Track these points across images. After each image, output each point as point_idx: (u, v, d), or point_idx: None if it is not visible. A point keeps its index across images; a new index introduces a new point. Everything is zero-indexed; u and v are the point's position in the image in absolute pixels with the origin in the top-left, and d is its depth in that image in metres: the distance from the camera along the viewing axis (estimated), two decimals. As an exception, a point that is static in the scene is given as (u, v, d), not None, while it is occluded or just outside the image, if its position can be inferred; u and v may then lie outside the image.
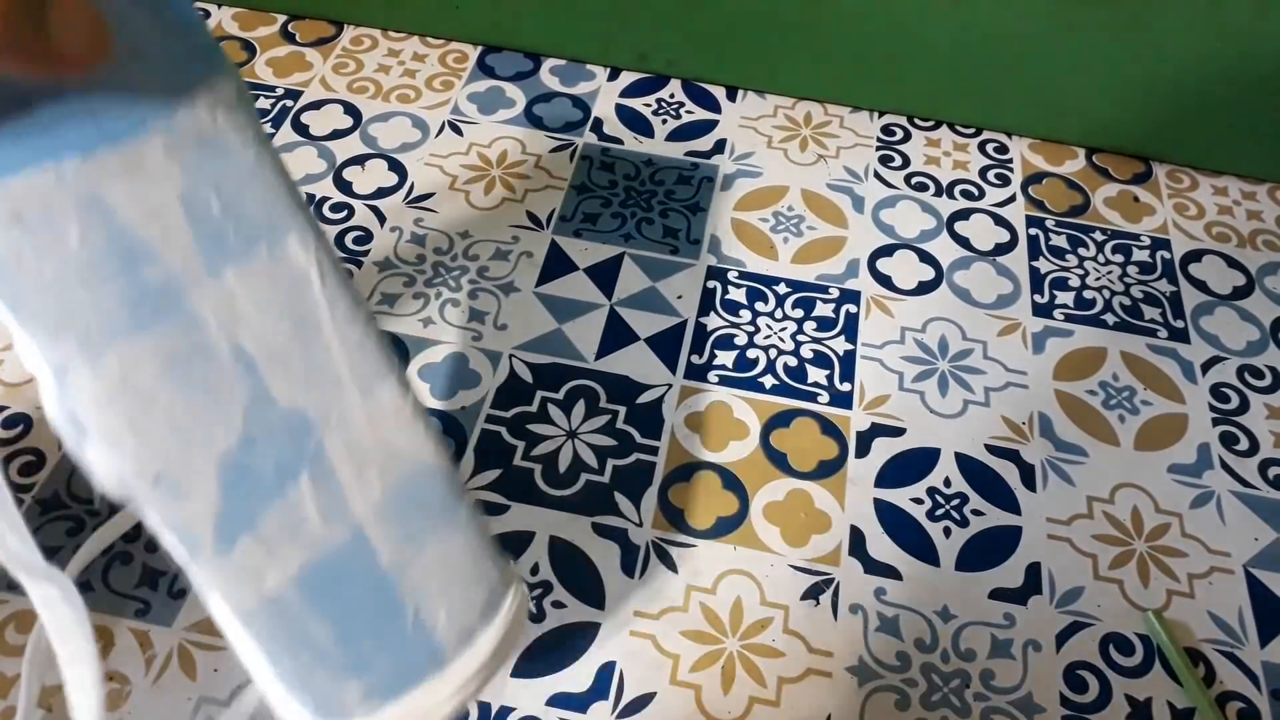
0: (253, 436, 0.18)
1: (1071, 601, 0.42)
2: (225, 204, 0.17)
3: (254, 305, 0.17)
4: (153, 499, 0.17)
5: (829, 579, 0.42)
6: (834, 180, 0.59)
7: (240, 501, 0.18)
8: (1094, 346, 0.52)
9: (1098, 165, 0.62)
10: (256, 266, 0.17)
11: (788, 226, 0.56)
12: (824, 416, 0.48)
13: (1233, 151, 0.60)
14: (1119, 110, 0.60)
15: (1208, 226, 0.59)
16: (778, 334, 0.51)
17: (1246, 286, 0.55)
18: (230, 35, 0.66)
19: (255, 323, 0.18)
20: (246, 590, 0.18)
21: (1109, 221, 0.58)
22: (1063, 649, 0.40)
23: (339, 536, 0.19)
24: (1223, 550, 0.44)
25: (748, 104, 0.64)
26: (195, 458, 0.17)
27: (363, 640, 0.20)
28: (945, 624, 0.41)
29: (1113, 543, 0.44)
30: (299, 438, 0.18)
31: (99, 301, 0.16)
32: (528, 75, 0.65)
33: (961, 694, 0.39)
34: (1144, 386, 0.50)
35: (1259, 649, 0.41)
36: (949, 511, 0.45)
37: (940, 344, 0.51)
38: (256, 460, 0.18)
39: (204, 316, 0.17)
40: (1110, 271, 0.55)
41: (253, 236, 0.17)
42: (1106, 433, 0.48)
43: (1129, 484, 0.46)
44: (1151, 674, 0.40)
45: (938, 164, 0.61)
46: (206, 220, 0.17)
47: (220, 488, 0.18)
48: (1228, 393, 0.50)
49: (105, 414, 0.17)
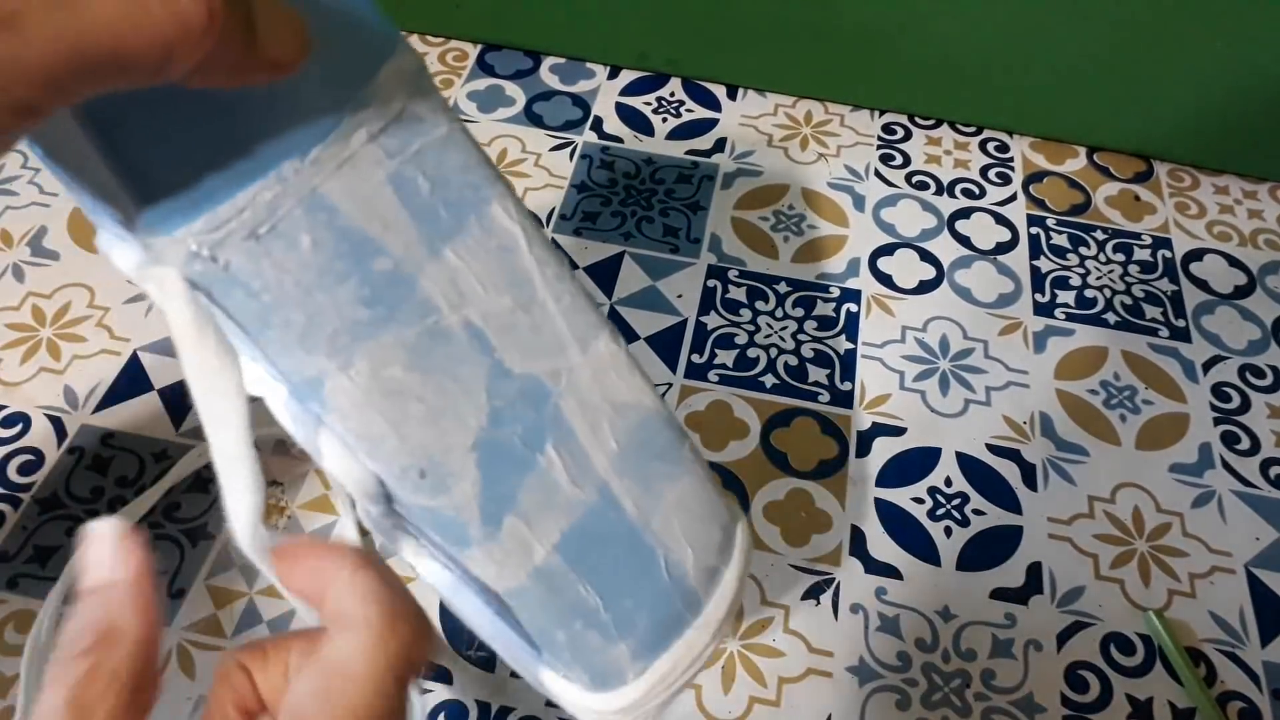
0: (498, 411, 0.18)
1: (1072, 601, 0.42)
2: (432, 181, 0.17)
3: (475, 278, 0.17)
4: (418, 495, 0.17)
5: (829, 579, 0.42)
6: (835, 179, 0.59)
7: (499, 480, 0.18)
8: (1095, 346, 0.52)
9: (1099, 164, 0.61)
10: (470, 240, 0.17)
11: (788, 225, 0.56)
12: (825, 416, 0.48)
13: (1234, 150, 0.60)
14: (1120, 108, 0.59)
15: (1209, 225, 0.59)
16: (778, 333, 0.51)
17: (1248, 285, 0.55)
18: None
19: (480, 296, 0.17)
20: (518, 567, 0.18)
21: (1110, 220, 0.58)
22: (1064, 649, 0.40)
23: (589, 496, 0.19)
24: (1224, 550, 0.44)
25: (748, 102, 0.64)
26: (453, 444, 0.17)
27: (625, 598, 0.19)
28: (946, 624, 0.41)
29: (1114, 542, 0.44)
30: (537, 404, 0.18)
31: (340, 304, 0.16)
32: (527, 73, 0.65)
33: (962, 694, 0.39)
34: (1145, 386, 0.50)
35: (1260, 649, 0.41)
36: (950, 511, 0.44)
37: (941, 343, 0.51)
38: (505, 435, 0.18)
39: (435, 299, 0.17)
40: (1111, 270, 0.55)
41: (461, 209, 0.17)
42: (1108, 432, 0.48)
43: (1130, 483, 0.46)
44: (1152, 674, 0.40)
45: (938, 163, 0.61)
46: (418, 200, 0.17)
47: (480, 470, 0.18)
48: (1229, 392, 0.50)
49: (365, 417, 0.17)
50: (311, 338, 0.16)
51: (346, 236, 0.16)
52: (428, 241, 0.17)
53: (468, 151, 0.17)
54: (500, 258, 0.18)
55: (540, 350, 0.18)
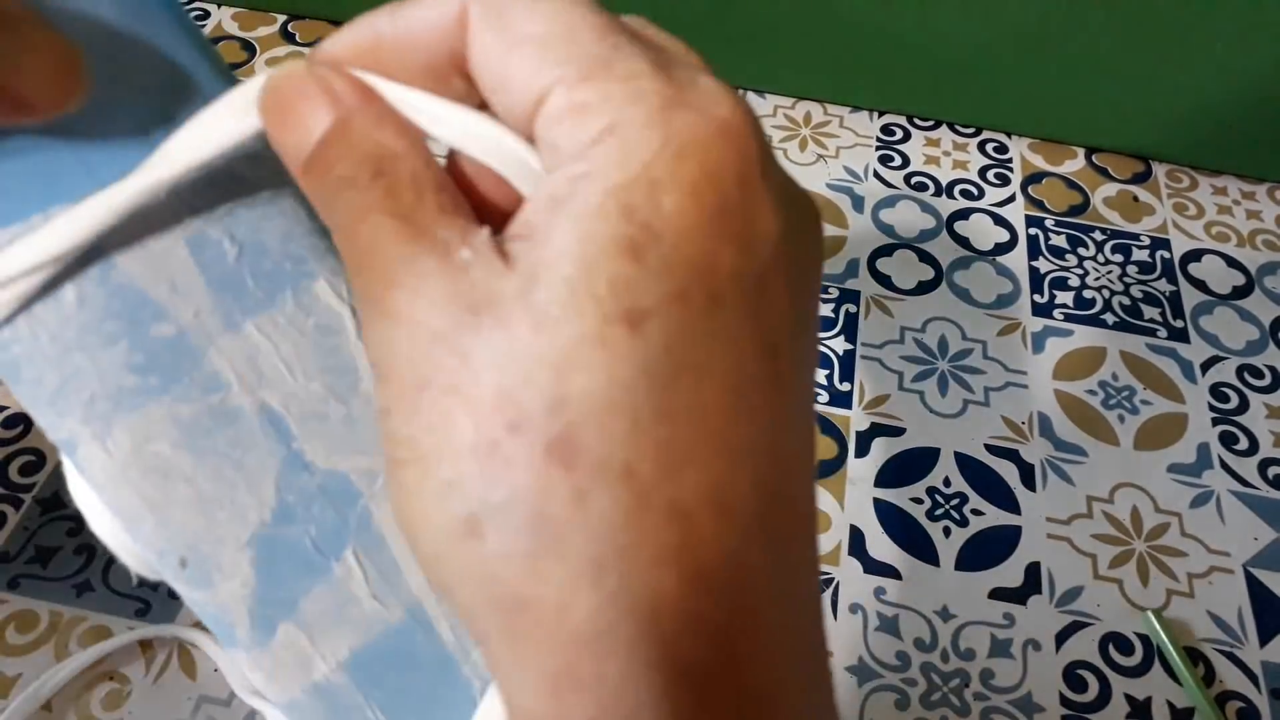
0: (288, 508, 0.16)
1: (1071, 601, 0.42)
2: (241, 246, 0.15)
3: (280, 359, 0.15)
4: (178, 584, 0.16)
5: (829, 579, 0.42)
6: (833, 180, 0.59)
7: (278, 583, 0.16)
8: (1093, 346, 0.52)
9: (1097, 165, 0.62)
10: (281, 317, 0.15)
11: (787, 226, 0.56)
12: (823, 416, 0.48)
13: (1232, 151, 0.60)
14: (1118, 110, 0.60)
15: (1207, 226, 0.59)
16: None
17: (1246, 286, 0.55)
18: (230, 35, 0.66)
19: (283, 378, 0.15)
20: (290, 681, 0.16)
21: (1108, 221, 0.58)
22: (1062, 648, 0.40)
23: (394, 615, 0.17)
24: (1222, 550, 0.44)
25: (747, 104, 0.64)
26: (224, 536, 0.15)
27: None
28: (945, 623, 0.41)
29: (1112, 542, 0.44)
30: (341, 506, 0.16)
31: (104, 369, 0.14)
32: (527, 75, 0.65)
33: (961, 693, 0.39)
34: (1143, 386, 0.50)
35: (1258, 648, 0.41)
36: (948, 511, 0.45)
37: (940, 344, 0.51)
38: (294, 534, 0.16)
39: (224, 375, 0.15)
40: (1110, 271, 0.56)
41: (276, 282, 0.15)
42: (1106, 432, 0.48)
43: (1128, 483, 0.46)
44: (1151, 673, 0.40)
45: (937, 164, 0.61)
46: (220, 266, 0.15)
47: (255, 568, 0.16)
48: (1227, 392, 0.50)
49: (120, 492, 0.15)
50: (64, 401, 0.14)
51: (122, 295, 0.14)
52: (225, 312, 0.15)
53: (294, 220, 0.15)
54: (318, 340, 0.16)
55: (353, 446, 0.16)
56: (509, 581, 0.10)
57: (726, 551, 0.10)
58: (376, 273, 0.11)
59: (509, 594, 0.10)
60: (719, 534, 0.10)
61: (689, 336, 0.10)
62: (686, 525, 0.10)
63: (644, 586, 0.10)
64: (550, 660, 0.10)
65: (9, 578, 0.40)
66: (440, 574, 0.11)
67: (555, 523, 0.10)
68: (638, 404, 0.10)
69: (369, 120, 0.12)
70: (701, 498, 0.10)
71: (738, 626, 0.10)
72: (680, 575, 0.10)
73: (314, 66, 0.13)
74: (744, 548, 0.11)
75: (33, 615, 0.39)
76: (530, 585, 0.10)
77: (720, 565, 0.10)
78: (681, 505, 0.10)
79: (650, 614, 0.10)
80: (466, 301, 0.11)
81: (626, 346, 0.10)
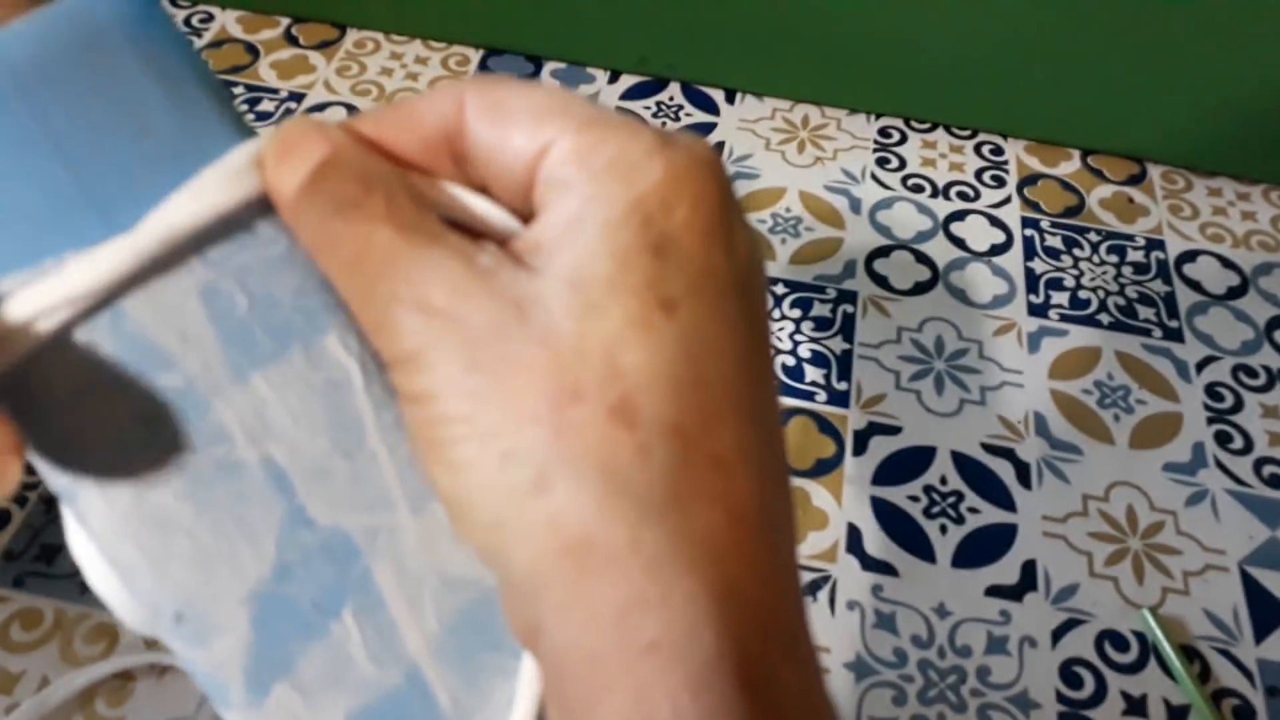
0: (288, 564, 0.15)
1: (1067, 598, 0.42)
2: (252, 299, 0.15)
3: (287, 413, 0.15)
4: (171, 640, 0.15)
5: (826, 576, 0.42)
6: (831, 182, 0.60)
7: (275, 642, 0.15)
8: (1089, 346, 0.52)
9: (1092, 167, 0.62)
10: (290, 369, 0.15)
11: (785, 227, 0.57)
12: (821, 415, 0.48)
13: (1227, 153, 0.60)
14: (1114, 112, 0.60)
15: (1202, 227, 0.59)
16: (775, 334, 0.51)
17: (1241, 287, 0.56)
18: (233, 38, 0.67)
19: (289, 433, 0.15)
20: None
21: (1104, 222, 0.59)
22: (1058, 645, 0.41)
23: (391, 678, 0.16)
24: (1217, 548, 0.44)
25: (746, 107, 0.64)
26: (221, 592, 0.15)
27: None
28: (941, 620, 0.41)
29: (1108, 540, 0.44)
30: (342, 564, 0.16)
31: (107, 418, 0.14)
32: (528, 78, 0.65)
33: (958, 690, 0.39)
34: (1139, 385, 0.50)
35: (1253, 646, 0.41)
36: (945, 509, 0.45)
37: (936, 343, 0.52)
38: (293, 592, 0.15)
39: (230, 428, 0.15)
40: (1105, 272, 0.56)
41: (286, 335, 0.15)
42: (1101, 431, 0.48)
43: (1124, 482, 0.46)
44: (1147, 670, 0.40)
45: (934, 165, 0.61)
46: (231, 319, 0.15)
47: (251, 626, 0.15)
48: (1222, 392, 0.50)
49: (119, 544, 0.15)
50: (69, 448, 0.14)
51: (132, 345, 0.14)
52: (234, 364, 0.15)
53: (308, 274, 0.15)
54: (326, 394, 0.15)
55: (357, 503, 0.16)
56: (579, 526, 0.12)
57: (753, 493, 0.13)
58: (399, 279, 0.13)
59: (579, 537, 0.12)
60: (747, 479, 0.13)
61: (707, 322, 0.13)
62: (726, 472, 0.13)
63: (699, 521, 0.12)
64: (620, 590, 0.12)
65: (14, 575, 0.40)
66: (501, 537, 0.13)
67: (623, 472, 0.12)
68: (679, 374, 0.12)
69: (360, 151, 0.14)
70: (733, 450, 0.13)
71: (762, 552, 0.13)
72: (725, 512, 0.12)
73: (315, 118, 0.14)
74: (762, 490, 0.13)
75: (37, 613, 0.39)
76: (602, 526, 0.12)
77: (751, 505, 0.13)
78: (720, 456, 0.13)
79: (706, 543, 0.12)
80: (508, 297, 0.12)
81: (664, 328, 0.12)
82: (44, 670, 0.37)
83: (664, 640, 0.12)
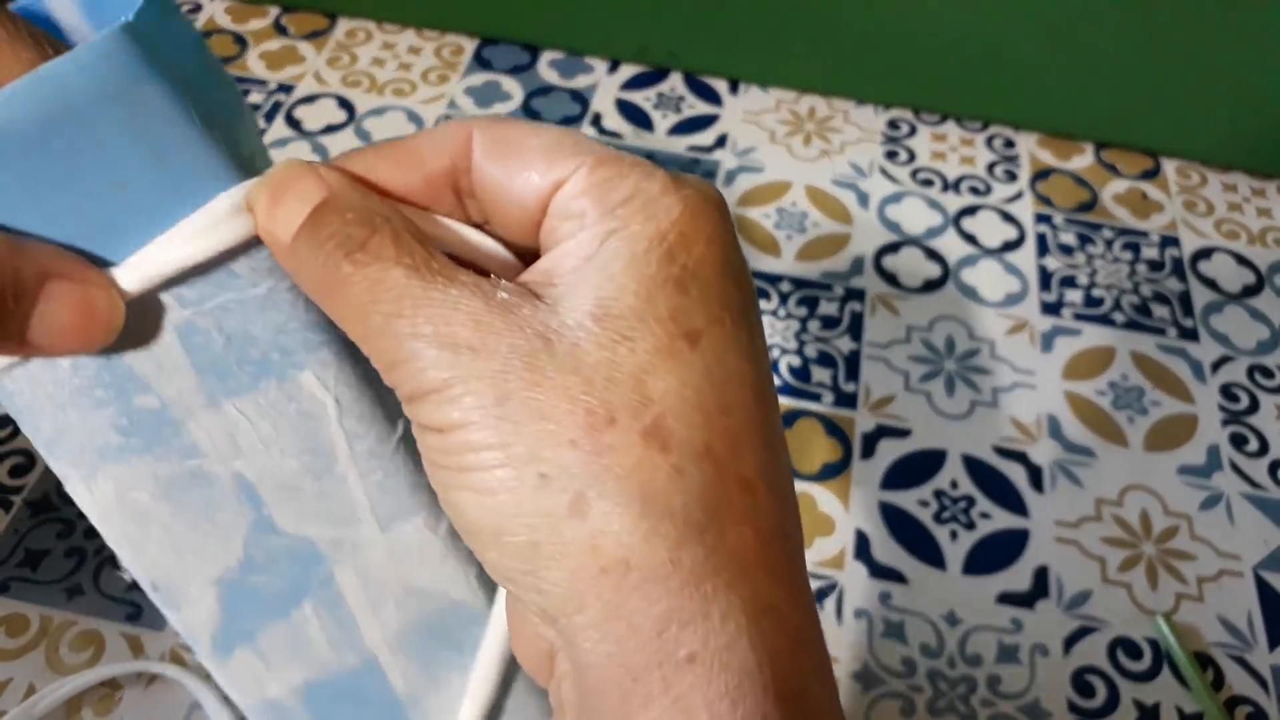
0: (254, 560, 0.17)
1: (1079, 605, 0.41)
2: (228, 337, 0.16)
3: (259, 437, 0.17)
4: (153, 598, 0.18)
5: (833, 584, 0.41)
6: (838, 176, 0.58)
7: (238, 617, 0.18)
8: (1103, 346, 0.51)
9: (1106, 161, 0.61)
10: (262, 400, 0.16)
11: (791, 223, 0.56)
12: (828, 417, 0.47)
13: (1242, 147, 0.59)
14: (1127, 105, 0.59)
15: (1217, 224, 0.58)
16: (781, 333, 0.50)
17: (1257, 284, 0.55)
18: (222, 29, 0.65)
19: (259, 453, 0.17)
20: (247, 692, 0.18)
21: (1117, 218, 0.58)
22: (1070, 653, 0.40)
23: (349, 660, 0.18)
24: (1232, 553, 0.43)
25: (750, 98, 0.63)
26: (192, 574, 0.17)
27: None
28: (951, 629, 0.40)
29: (1121, 545, 0.43)
30: (305, 565, 0.18)
31: (92, 427, 0.16)
32: (525, 68, 0.64)
33: (968, 700, 0.38)
34: (1153, 386, 0.49)
35: (1268, 652, 0.40)
36: (955, 514, 0.44)
37: (947, 343, 0.50)
38: (258, 581, 0.17)
39: (201, 445, 0.16)
40: (1119, 269, 0.55)
41: (262, 370, 0.16)
42: (1115, 434, 0.47)
43: (1138, 486, 0.45)
44: (1160, 678, 0.39)
45: (944, 159, 0.60)
46: (207, 353, 0.16)
47: (219, 603, 0.17)
48: (1238, 393, 0.49)
49: (102, 525, 0.17)
50: (58, 447, 0.16)
51: (112, 368, 0.16)
52: (207, 393, 0.16)
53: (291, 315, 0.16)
54: (299, 423, 0.17)
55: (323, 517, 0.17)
56: (619, 546, 0.12)
57: (776, 515, 0.13)
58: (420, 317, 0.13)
59: (618, 556, 0.12)
60: (770, 499, 0.13)
61: (726, 352, 0.13)
62: (752, 494, 0.13)
63: (733, 540, 0.13)
64: (660, 605, 0.12)
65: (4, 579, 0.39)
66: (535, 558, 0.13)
67: (660, 493, 0.12)
68: (705, 401, 0.13)
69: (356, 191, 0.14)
70: (756, 473, 0.13)
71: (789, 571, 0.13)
72: (755, 532, 0.13)
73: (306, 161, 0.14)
74: (782, 512, 0.14)
75: (23, 619, 0.38)
76: (641, 545, 0.12)
77: (775, 526, 0.13)
78: (746, 478, 0.13)
79: (740, 562, 0.13)
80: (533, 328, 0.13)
81: (690, 357, 0.13)
82: (30, 678, 0.36)
83: (703, 652, 0.12)
